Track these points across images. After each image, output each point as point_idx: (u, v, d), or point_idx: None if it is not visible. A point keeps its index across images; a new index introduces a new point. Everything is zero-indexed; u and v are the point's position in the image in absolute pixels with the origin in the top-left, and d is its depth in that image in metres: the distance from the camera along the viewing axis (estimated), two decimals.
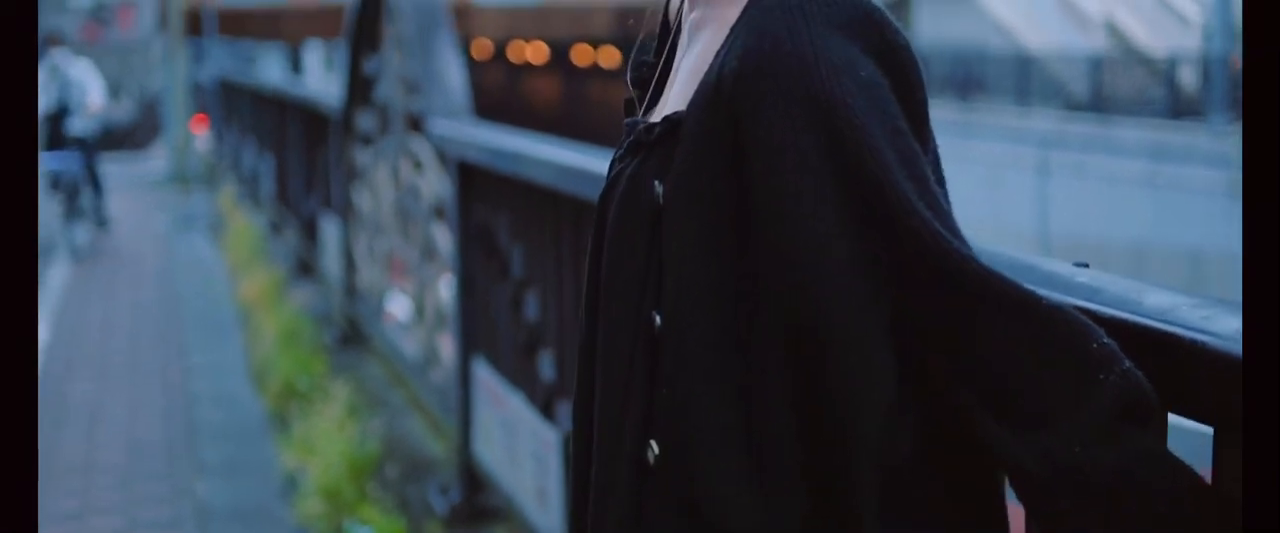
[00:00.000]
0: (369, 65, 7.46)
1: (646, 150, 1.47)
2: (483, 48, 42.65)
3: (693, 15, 1.54)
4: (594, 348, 1.54)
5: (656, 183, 1.43)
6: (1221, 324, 1.34)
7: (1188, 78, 25.44)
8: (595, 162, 3.72)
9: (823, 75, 1.32)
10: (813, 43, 1.33)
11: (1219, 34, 23.86)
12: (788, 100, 1.32)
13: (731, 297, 1.38)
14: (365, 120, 7.73)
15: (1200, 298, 1.43)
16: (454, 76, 6.03)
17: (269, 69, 22.06)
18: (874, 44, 1.36)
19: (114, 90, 40.06)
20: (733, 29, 1.41)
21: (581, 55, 42.46)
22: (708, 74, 1.41)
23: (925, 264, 1.30)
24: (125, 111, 38.29)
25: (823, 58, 1.33)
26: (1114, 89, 26.33)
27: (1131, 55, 28.11)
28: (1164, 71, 25.63)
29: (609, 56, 40.33)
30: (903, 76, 1.37)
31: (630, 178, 1.47)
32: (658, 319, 1.43)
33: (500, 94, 47.61)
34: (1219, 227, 19.10)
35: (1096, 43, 29.16)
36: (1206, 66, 24.22)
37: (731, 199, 1.37)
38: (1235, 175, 18.28)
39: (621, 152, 1.53)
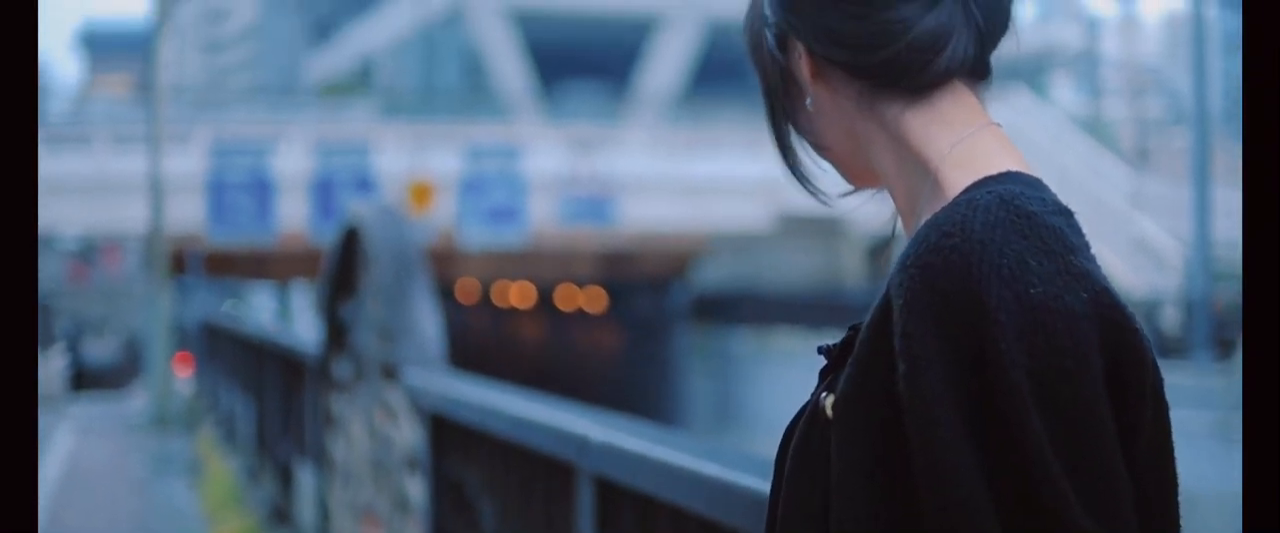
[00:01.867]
0: (345, 312, 7.42)
1: (829, 371, 1.38)
2: (468, 290, 42.89)
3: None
4: None
5: (827, 398, 1.33)
6: None
7: (1170, 318, 25.56)
8: (564, 417, 3.64)
9: (984, 274, 1.20)
10: (983, 239, 1.21)
11: (1200, 273, 24.07)
12: (937, 300, 1.20)
13: (897, 524, 1.25)
14: (341, 367, 7.66)
15: None
16: (428, 326, 5.99)
17: (256, 310, 22.12)
18: (1063, 264, 1.22)
19: (99, 330, 40.15)
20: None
21: (566, 297, 42.68)
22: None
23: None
24: (109, 352, 38.23)
25: (990, 255, 1.20)
26: None
27: None
28: (1145, 313, 25.78)
29: (595, 299, 40.55)
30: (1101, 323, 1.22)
31: (811, 401, 1.37)
32: None
33: (485, 337, 47.73)
34: (1208, 468, 18.94)
35: None
36: (1189, 306, 24.36)
37: (892, 414, 1.24)
38: (1222, 416, 18.21)
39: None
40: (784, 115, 1.52)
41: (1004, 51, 1.48)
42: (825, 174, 1.54)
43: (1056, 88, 74.52)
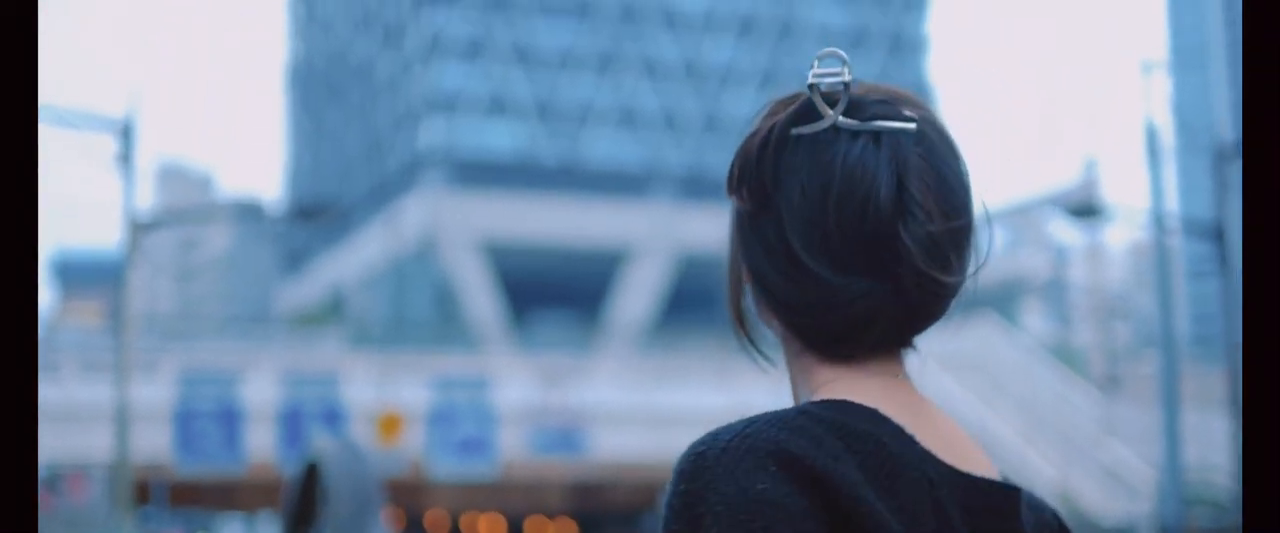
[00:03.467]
0: None
1: None
2: (436, 522, 42.33)
3: None
4: None
5: None
6: None
7: None
8: None
9: (710, 478, 1.36)
10: (725, 447, 1.37)
11: (1172, 498, 23.92)
12: (676, 498, 1.39)
13: None
14: None
15: None
16: None
17: None
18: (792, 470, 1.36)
19: None
20: None
21: (536, 529, 42.15)
22: None
23: None
24: None
25: (724, 460, 1.36)
26: None
27: (1085, 525, 28.08)
28: None
29: (565, 531, 40.04)
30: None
31: None
32: None
33: None
34: None
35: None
36: (1163, 532, 24.18)
37: None
38: None
39: None
40: (737, 285, 1.56)
41: (973, 282, 1.48)
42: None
43: (1026, 314, 75.19)
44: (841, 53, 1.43)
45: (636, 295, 79.19)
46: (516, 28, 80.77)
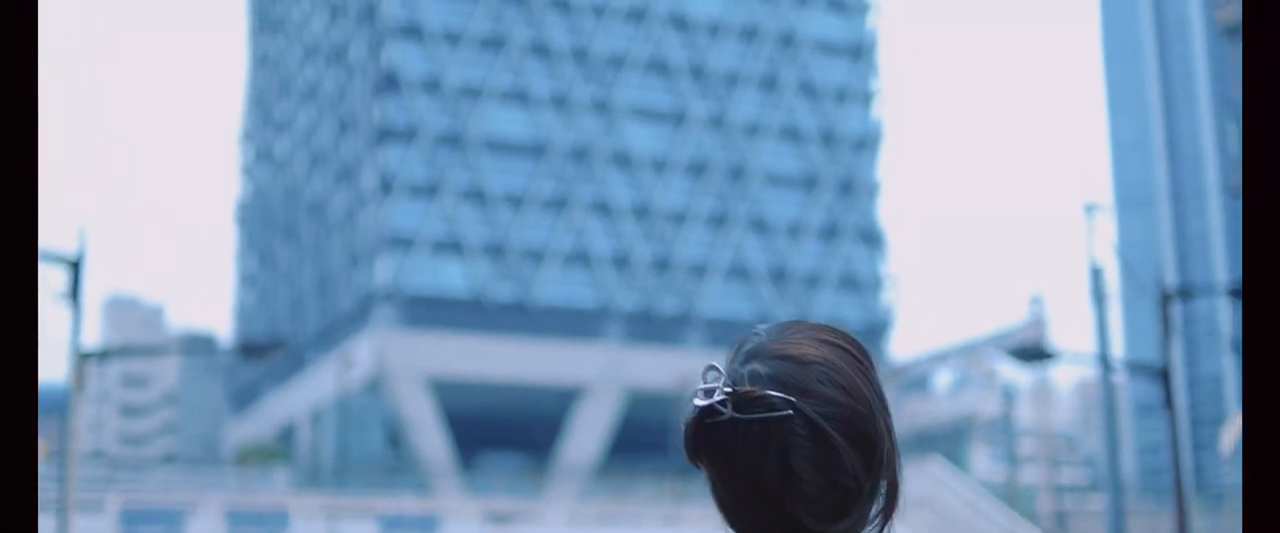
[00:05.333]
0: None
1: None
2: None
3: None
4: None
5: None
6: None
7: None
8: None
9: None
10: None
11: None
12: None
13: None
14: None
15: None
16: None
17: None
18: None
19: None
20: None
21: None
22: None
23: None
24: None
25: None
26: None
27: None
28: None
29: None
30: None
31: None
32: None
33: None
34: None
35: None
36: None
37: None
38: None
39: None
40: None
41: (922, 420, 1.70)
42: None
43: (974, 454, 75.17)
44: (719, 367, 1.74)
45: (586, 435, 78.86)
46: (470, 168, 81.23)
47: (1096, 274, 25.63)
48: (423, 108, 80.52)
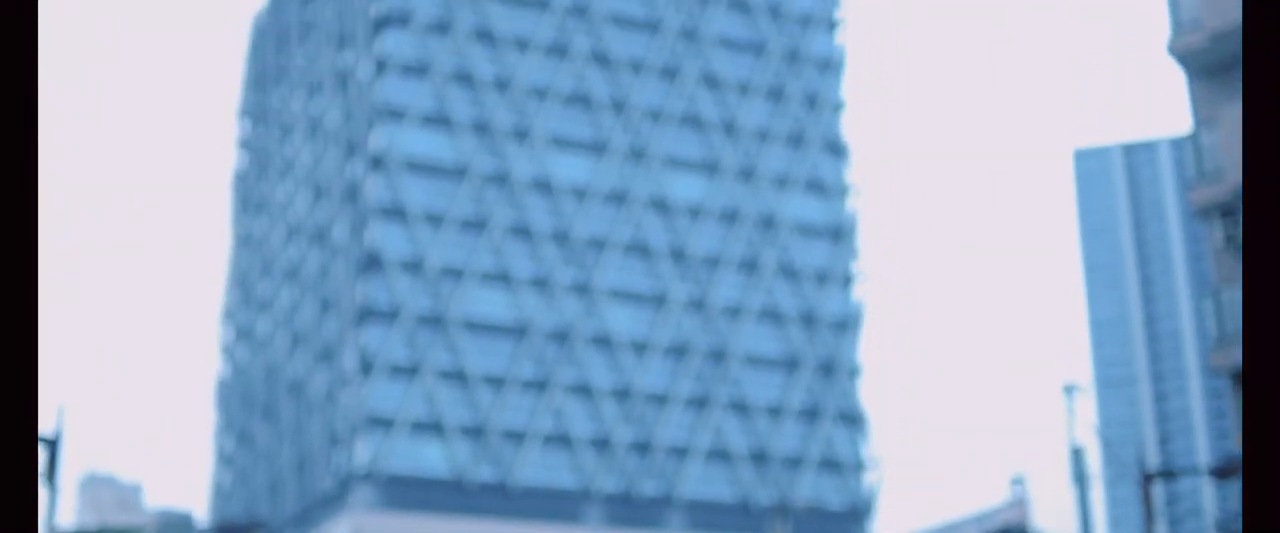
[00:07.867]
0: None
1: None
2: None
3: None
4: None
5: None
6: None
7: None
8: None
9: None
10: None
11: None
12: None
13: None
14: None
15: None
16: None
17: None
18: None
19: None
20: None
21: None
22: None
23: None
24: None
25: None
26: None
27: None
28: None
29: None
30: None
31: None
32: None
33: None
34: None
35: None
36: None
37: None
38: None
39: None
40: None
41: None
42: None
43: None
44: None
45: None
46: (451, 348, 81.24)
47: (1077, 455, 25.60)
48: (404, 288, 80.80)
